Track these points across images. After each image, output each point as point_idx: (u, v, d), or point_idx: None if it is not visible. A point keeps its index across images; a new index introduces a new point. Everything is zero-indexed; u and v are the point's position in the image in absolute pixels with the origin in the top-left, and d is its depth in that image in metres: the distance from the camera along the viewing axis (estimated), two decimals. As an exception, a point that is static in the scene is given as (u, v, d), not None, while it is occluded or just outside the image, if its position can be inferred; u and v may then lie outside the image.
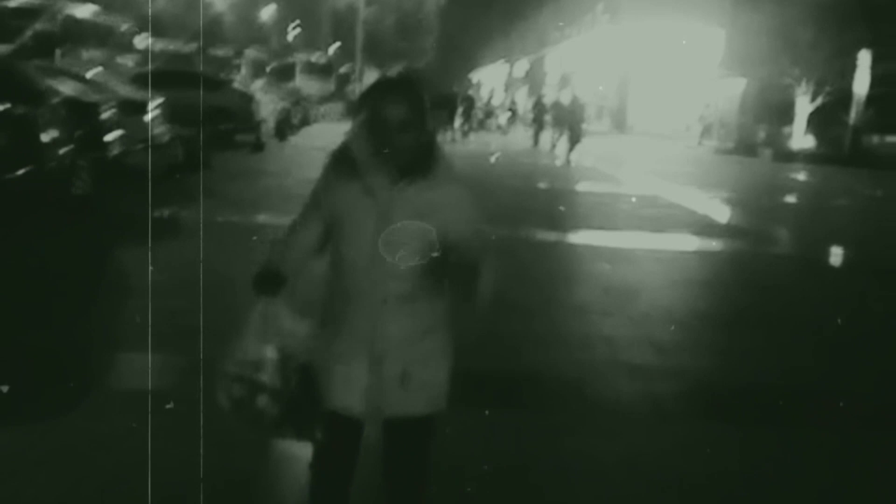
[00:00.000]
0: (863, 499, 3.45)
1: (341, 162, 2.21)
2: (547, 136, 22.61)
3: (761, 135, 27.45)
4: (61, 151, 8.42)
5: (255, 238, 7.66)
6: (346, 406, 2.21)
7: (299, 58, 35.14)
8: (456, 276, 2.12)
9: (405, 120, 2.11)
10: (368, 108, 2.15)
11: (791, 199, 15.71)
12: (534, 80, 44.19)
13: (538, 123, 23.74)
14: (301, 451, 2.39)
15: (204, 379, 3.16)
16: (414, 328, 2.19)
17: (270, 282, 2.22)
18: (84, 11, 19.20)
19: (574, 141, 18.61)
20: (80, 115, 9.06)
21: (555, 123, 21.28)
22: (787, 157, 24.26)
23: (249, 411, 2.21)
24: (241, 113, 16.88)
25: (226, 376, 2.24)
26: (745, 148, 26.72)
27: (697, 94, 32.32)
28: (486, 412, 3.94)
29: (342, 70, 36.85)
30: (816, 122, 24.96)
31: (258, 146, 16.74)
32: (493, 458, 3.50)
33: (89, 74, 11.67)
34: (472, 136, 24.97)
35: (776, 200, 15.04)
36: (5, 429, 3.58)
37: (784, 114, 25.93)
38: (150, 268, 5.59)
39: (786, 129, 26.13)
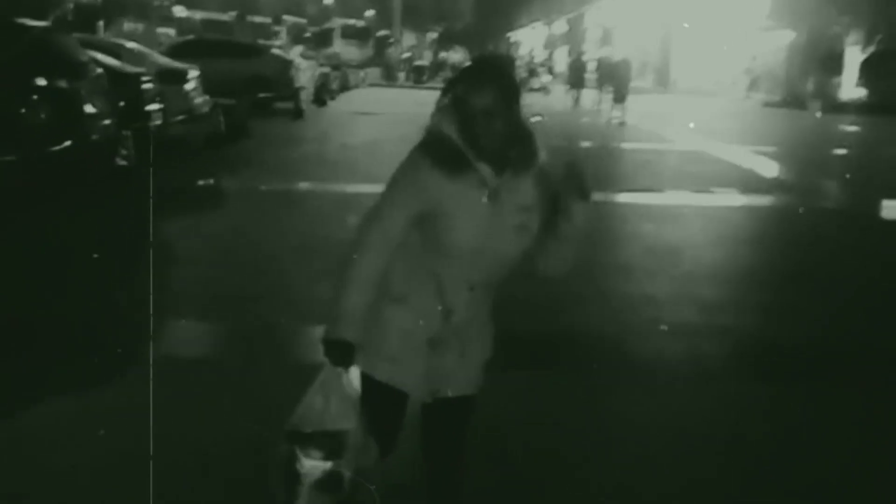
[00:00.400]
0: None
1: (442, 153, 2.11)
2: (588, 95, 22.16)
3: (810, 86, 26.63)
4: (104, 123, 8.54)
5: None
6: (404, 381, 2.22)
7: (337, 23, 35.02)
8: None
9: (506, 107, 2.08)
10: (466, 94, 2.09)
11: (841, 151, 15.25)
12: (573, 38, 43.43)
13: (579, 82, 23.13)
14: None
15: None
16: (485, 313, 2.27)
17: (347, 351, 2.13)
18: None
19: (618, 100, 18.27)
20: (122, 87, 9.17)
21: (600, 82, 20.75)
22: (837, 108, 23.53)
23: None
24: (280, 80, 16.89)
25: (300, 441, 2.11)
26: (794, 100, 25.96)
27: (743, 46, 31.44)
28: (528, 373, 3.94)
29: (380, 34, 36.64)
30: (867, 71, 24.10)
31: (298, 113, 16.78)
32: (536, 419, 3.50)
33: (130, 46, 11.79)
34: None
35: (825, 153, 14.62)
36: (53, 398, 3.67)
37: (833, 64, 25.09)
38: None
39: (835, 80, 25.31)
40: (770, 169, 12.00)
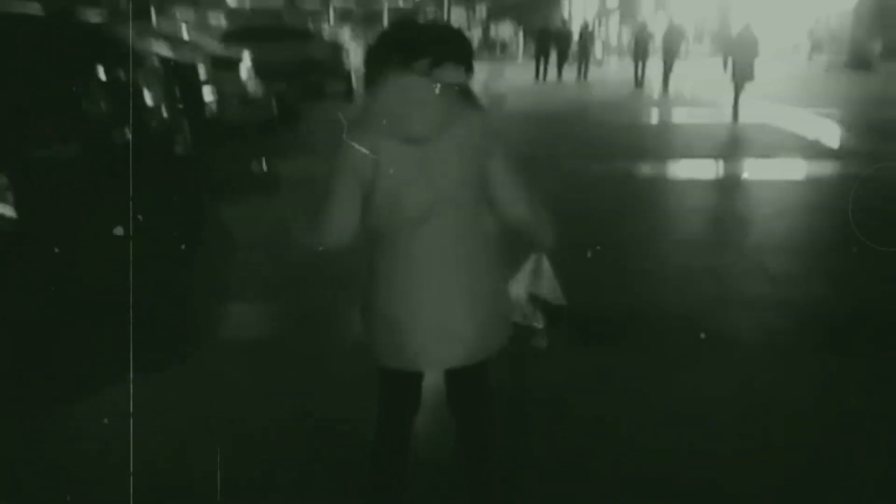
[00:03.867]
0: None
1: None
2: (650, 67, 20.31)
3: (877, 48, 25.55)
4: (162, 112, 8.67)
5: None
6: (427, 356, 2.20)
7: (386, 4, 34.93)
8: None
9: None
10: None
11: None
12: (626, 7, 42.50)
13: (643, 54, 19.34)
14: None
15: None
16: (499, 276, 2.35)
17: None
18: (175, -27, 19.63)
19: (667, 70, 17.76)
20: (178, 76, 9.28)
21: (665, 52, 18.24)
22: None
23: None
24: (331, 63, 16.92)
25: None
26: (860, 62, 24.95)
27: (806, 8, 30.32)
28: (595, 350, 3.87)
29: (429, 13, 36.41)
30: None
31: (349, 95, 16.80)
32: (603, 395, 3.43)
33: (184, 34, 11.92)
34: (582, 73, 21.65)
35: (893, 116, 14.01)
36: (116, 383, 3.73)
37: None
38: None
39: (904, 40, 24.24)
40: (835, 136, 11.55)
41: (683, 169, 9.21)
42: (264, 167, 9.48)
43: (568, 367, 3.53)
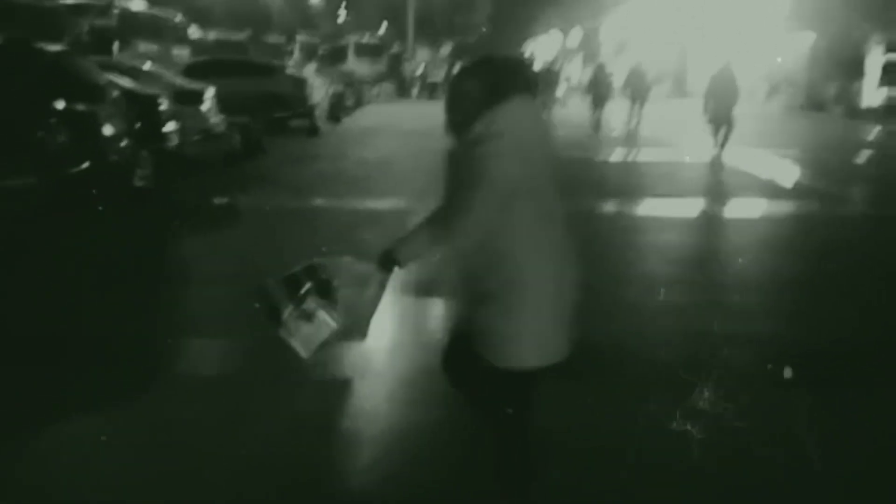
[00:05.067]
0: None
1: None
2: (612, 109, 20.13)
3: (831, 91, 26.36)
4: (122, 144, 8.56)
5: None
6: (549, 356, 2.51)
7: (350, 39, 35.15)
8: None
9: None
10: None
11: (863, 157, 15.02)
12: (588, 48, 43.39)
13: (602, 98, 18.40)
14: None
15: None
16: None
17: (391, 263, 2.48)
18: (139, 4, 19.53)
19: (632, 111, 18.00)
20: (139, 108, 9.19)
21: (631, 93, 17.71)
22: (859, 113, 23.25)
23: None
24: (294, 98, 16.92)
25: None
26: (815, 104, 25.71)
27: (762, 50, 31.19)
28: (556, 385, 3.83)
29: (393, 50, 36.74)
30: (889, 77, 23.80)
31: (313, 130, 16.79)
32: (563, 427, 3.41)
33: (146, 67, 11.84)
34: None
35: (847, 159, 14.41)
36: (80, 415, 3.64)
37: (855, 69, 24.81)
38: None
39: (857, 85, 25.02)
40: (793, 174, 11.83)
41: (643, 207, 9.33)
42: (226, 200, 9.39)
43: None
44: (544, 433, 3.28)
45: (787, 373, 4.09)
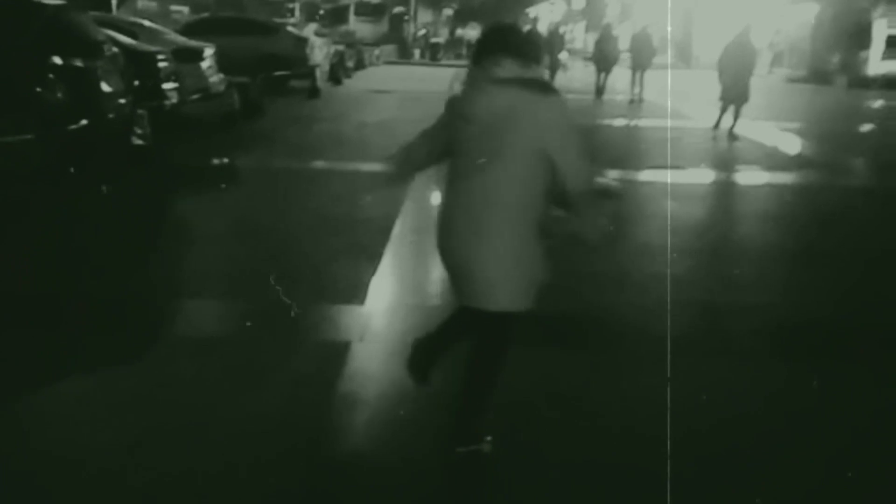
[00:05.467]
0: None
1: None
2: (616, 76, 20.04)
3: (835, 61, 26.13)
4: (120, 102, 8.47)
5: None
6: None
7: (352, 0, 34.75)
8: None
9: None
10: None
11: (867, 127, 14.94)
12: (592, 13, 42.89)
13: (607, 62, 18.17)
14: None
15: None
16: None
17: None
18: (138, -39, 19.27)
19: (634, 79, 17.79)
20: (138, 66, 9.08)
21: (632, 59, 17.58)
22: (863, 83, 23.07)
23: None
24: (295, 58, 16.74)
25: None
26: (819, 75, 25.50)
27: (767, 20, 30.85)
28: (549, 351, 3.85)
29: (395, 11, 36.31)
30: (892, 50, 23.57)
31: (314, 92, 16.64)
32: (555, 397, 3.43)
33: (145, 24, 11.69)
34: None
35: (851, 129, 14.33)
36: (76, 376, 3.65)
37: (860, 39, 24.56)
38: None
39: (862, 55, 24.80)
40: (795, 145, 11.76)
41: (648, 175, 9.28)
42: (225, 160, 9.33)
43: (521, 366, 3.50)
44: (533, 405, 3.31)
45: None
